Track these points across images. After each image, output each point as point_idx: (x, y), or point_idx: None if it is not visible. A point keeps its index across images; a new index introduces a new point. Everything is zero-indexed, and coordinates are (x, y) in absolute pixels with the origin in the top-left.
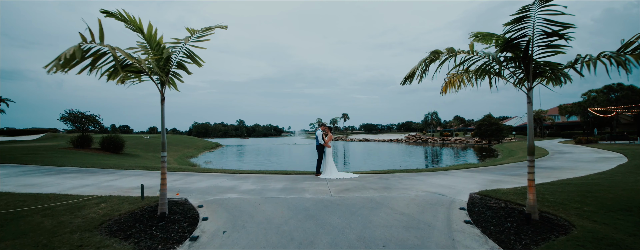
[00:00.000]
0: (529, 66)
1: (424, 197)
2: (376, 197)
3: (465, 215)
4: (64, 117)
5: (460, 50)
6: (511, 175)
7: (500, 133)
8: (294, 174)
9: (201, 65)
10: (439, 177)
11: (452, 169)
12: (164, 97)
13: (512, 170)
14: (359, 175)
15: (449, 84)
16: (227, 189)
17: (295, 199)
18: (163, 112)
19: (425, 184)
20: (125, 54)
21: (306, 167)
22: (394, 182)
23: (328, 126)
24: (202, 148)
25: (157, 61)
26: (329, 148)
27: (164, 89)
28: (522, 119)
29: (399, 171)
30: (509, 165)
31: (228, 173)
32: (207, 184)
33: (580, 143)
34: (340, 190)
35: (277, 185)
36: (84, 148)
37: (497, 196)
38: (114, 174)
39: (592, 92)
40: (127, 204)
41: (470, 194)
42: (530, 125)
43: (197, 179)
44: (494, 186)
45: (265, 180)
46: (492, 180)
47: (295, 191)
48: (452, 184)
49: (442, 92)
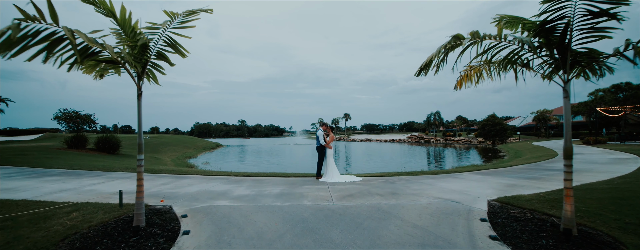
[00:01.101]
0: (566, 54)
1: (437, 205)
2: (383, 206)
3: (489, 229)
4: (58, 116)
5: (486, 35)
6: (527, 178)
7: (504, 133)
8: (292, 176)
9: (185, 55)
10: (449, 181)
11: (461, 171)
12: (141, 92)
13: (526, 173)
14: (362, 178)
15: (466, 77)
16: (218, 194)
17: (293, 207)
18: (140, 109)
19: (435, 188)
20: (87, 38)
21: (306, 169)
22: (401, 187)
23: (330, 126)
24: (202, 148)
25: (131, 49)
26: (330, 149)
27: (141, 82)
28: (525, 119)
29: (405, 174)
30: (519, 167)
31: (222, 176)
32: (198, 189)
33: (589, 143)
34: (342, 196)
35: (273, 190)
36: (79, 148)
37: (519, 204)
38: (100, 176)
39: (599, 91)
40: (102, 213)
41: (489, 201)
42: (567, 123)
43: (188, 182)
44: (512, 192)
45: (261, 184)
46: (508, 185)
47: (293, 197)
48: (465, 188)
49: (456, 87)
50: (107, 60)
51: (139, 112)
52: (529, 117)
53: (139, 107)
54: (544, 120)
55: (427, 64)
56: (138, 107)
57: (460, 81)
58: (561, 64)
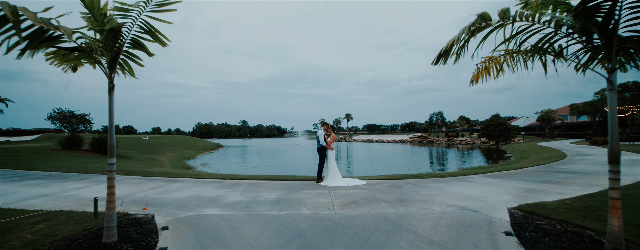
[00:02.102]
0: (612, 39)
1: (452, 214)
2: (392, 215)
3: (517, 245)
4: (52, 116)
5: (518, 15)
6: (543, 182)
7: (508, 134)
8: (291, 180)
9: (165, 44)
10: (459, 185)
11: (470, 174)
12: (112, 86)
13: (540, 176)
14: (366, 181)
15: (484, 70)
16: (209, 200)
17: (289, 217)
18: (111, 105)
19: (446, 194)
20: (34, 18)
21: (307, 171)
22: (408, 192)
23: (331, 126)
24: (202, 149)
25: (99, 34)
26: (331, 150)
27: (113, 74)
28: (529, 119)
29: (411, 176)
30: (530, 169)
31: (217, 179)
32: (188, 194)
33: (596, 144)
34: (345, 203)
35: (269, 196)
36: (73, 149)
37: (545, 213)
38: (86, 180)
39: (605, 91)
40: (72, 224)
41: (510, 210)
42: (613, 121)
43: (179, 186)
44: (533, 198)
45: (257, 188)
46: (526, 190)
47: (290, 204)
48: (479, 194)
49: (472, 82)
50: (71, 48)
51: (110, 108)
52: (532, 118)
53: (111, 103)
54: (548, 120)
55: (446, 50)
56: (109, 102)
57: (477, 75)
58: (604, 51)
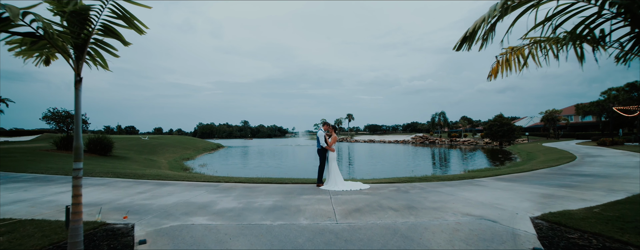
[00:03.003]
0: None
1: (469, 225)
2: (401, 226)
3: None
4: (47, 116)
5: None
6: (560, 187)
7: (512, 134)
8: (290, 183)
9: (143, 32)
10: (471, 190)
11: (479, 177)
12: (80, 78)
13: (554, 180)
14: (369, 185)
15: (504, 63)
16: (198, 207)
17: (285, 228)
18: (78, 100)
19: (458, 200)
20: None
21: (307, 173)
22: (417, 198)
23: (332, 125)
24: (202, 149)
25: (60, 17)
26: (332, 152)
27: (80, 65)
28: (532, 120)
29: (418, 180)
30: (542, 172)
31: (212, 182)
32: (177, 199)
33: (604, 145)
34: (348, 211)
35: (265, 202)
36: (69, 150)
37: (575, 225)
38: None
39: (612, 90)
40: (39, 236)
41: (533, 220)
42: None
43: (169, 190)
44: (555, 206)
45: (253, 193)
46: (544, 196)
47: (287, 212)
48: (494, 200)
49: (490, 77)
50: (25, 34)
51: (76, 104)
52: (535, 118)
53: (78, 98)
54: (553, 120)
55: (471, 33)
56: (75, 97)
57: (495, 68)
58: None
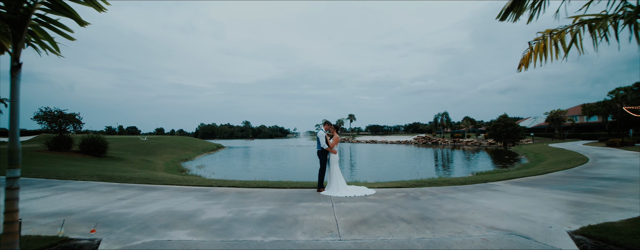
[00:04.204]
0: None
1: (499, 242)
2: (416, 244)
3: None
4: (38, 115)
5: None
6: (585, 192)
7: (516, 135)
8: (288, 187)
9: (103, 9)
10: (487, 196)
11: (492, 180)
12: (18, 64)
13: (576, 184)
14: (375, 190)
15: (540, 50)
16: (182, 218)
17: (279, 245)
18: (16, 91)
19: (477, 209)
20: None
21: (307, 175)
22: (429, 206)
23: (334, 125)
24: (201, 150)
25: None
26: (334, 154)
27: (18, 47)
28: (536, 120)
29: (427, 184)
30: (557, 174)
31: (203, 187)
32: (160, 207)
33: (614, 145)
34: (353, 223)
35: (258, 211)
36: (61, 151)
37: (627, 243)
38: (52, 187)
39: (620, 90)
40: None
41: (572, 236)
42: None
43: (154, 196)
44: (591, 216)
45: (246, 199)
46: (572, 204)
47: (282, 224)
48: (519, 209)
49: (520, 67)
50: None
51: (12, 96)
52: (539, 118)
53: (15, 89)
54: (558, 121)
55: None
56: (11, 87)
57: (527, 56)
58: None
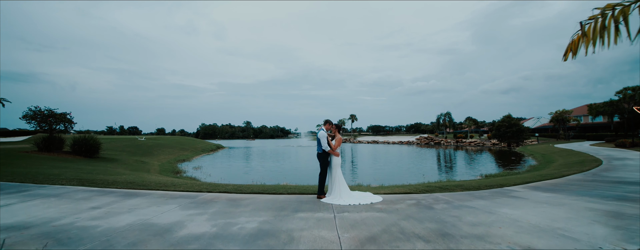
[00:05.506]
0: None
1: None
2: None
3: None
4: (27, 115)
5: None
6: (619, 200)
7: (520, 135)
8: (285, 193)
9: None
10: (510, 204)
11: (508, 184)
12: None
13: (602, 189)
14: (381, 196)
15: (594, 32)
16: (157, 232)
17: None
18: None
19: (503, 221)
20: None
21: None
22: (446, 217)
23: (336, 125)
24: (200, 150)
25: None
26: (337, 157)
27: None
28: (539, 120)
29: (438, 189)
30: (576, 178)
31: (191, 192)
32: (136, 219)
33: (624, 146)
34: (359, 241)
35: (248, 225)
36: (51, 151)
37: None
38: (23, 192)
39: (628, 89)
40: None
41: None
42: None
43: (133, 204)
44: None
45: (236, 208)
46: (611, 215)
47: (274, 243)
48: (552, 222)
49: (566, 54)
50: None
51: None
52: (542, 118)
53: None
54: (563, 121)
55: None
56: None
57: (576, 40)
58: None
